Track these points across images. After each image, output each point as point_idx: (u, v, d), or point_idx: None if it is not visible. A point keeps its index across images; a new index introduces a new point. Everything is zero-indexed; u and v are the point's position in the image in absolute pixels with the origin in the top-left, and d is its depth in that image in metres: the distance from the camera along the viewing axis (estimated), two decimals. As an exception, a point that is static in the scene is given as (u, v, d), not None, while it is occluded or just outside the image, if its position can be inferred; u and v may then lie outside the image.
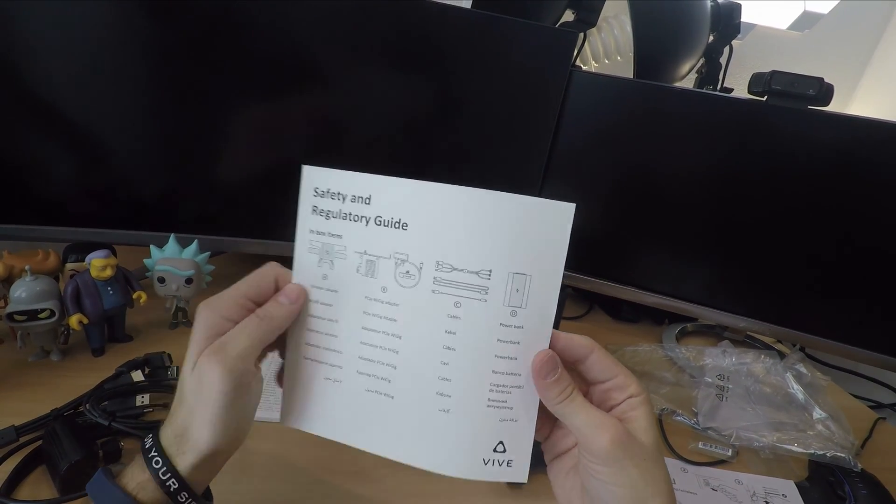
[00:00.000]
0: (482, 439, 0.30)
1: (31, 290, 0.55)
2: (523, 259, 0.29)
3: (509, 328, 0.29)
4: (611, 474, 0.26)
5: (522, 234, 0.29)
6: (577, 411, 0.27)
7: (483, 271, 0.29)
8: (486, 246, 0.29)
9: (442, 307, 0.30)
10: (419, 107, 0.74)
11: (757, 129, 0.71)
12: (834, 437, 0.59)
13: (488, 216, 0.29)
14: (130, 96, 0.66)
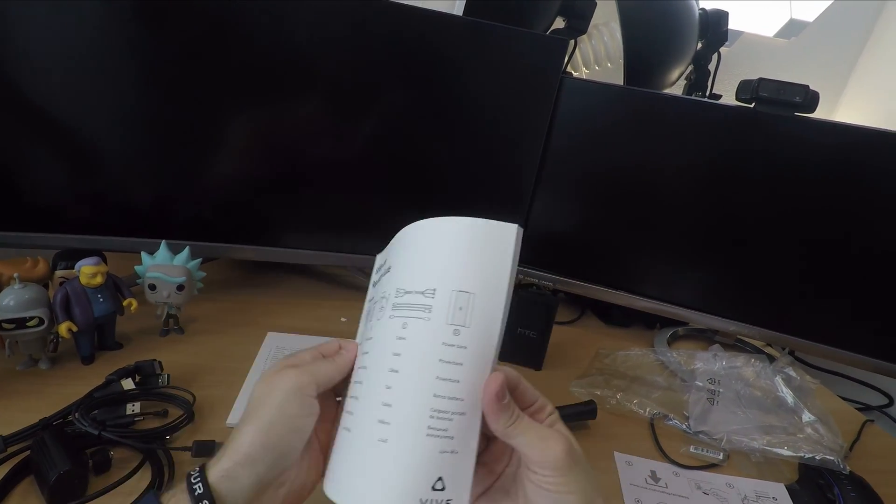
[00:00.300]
0: (420, 474, 0.28)
1: (19, 298, 0.55)
2: (467, 278, 0.30)
3: (452, 348, 0.29)
4: (564, 483, 0.27)
5: (467, 254, 0.30)
6: (527, 429, 0.29)
7: (428, 290, 0.30)
8: (431, 266, 0.31)
9: (392, 330, 0.30)
10: (410, 114, 0.75)
11: (745, 136, 0.72)
12: (823, 440, 0.60)
13: (434, 239, 0.31)
14: (121, 102, 0.66)
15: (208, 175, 0.73)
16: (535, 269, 0.85)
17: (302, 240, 0.77)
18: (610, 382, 0.69)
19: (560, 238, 0.84)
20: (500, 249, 0.30)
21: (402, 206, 0.79)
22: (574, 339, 0.83)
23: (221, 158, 0.72)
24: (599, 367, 0.74)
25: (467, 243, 0.30)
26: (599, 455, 0.58)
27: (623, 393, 0.67)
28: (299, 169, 0.75)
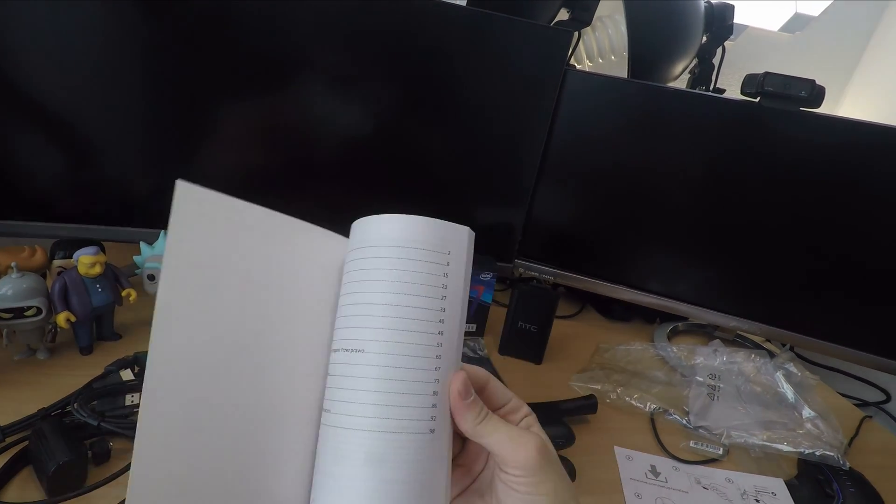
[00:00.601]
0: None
1: (17, 288, 0.54)
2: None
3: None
4: (535, 483, 0.27)
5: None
6: (496, 428, 0.28)
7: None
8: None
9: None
10: (409, 106, 0.74)
11: (750, 130, 0.72)
12: (823, 435, 0.60)
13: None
14: (120, 91, 0.65)
15: (207, 165, 0.72)
16: (536, 263, 0.85)
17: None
18: (610, 377, 0.69)
19: (561, 232, 0.84)
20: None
21: (402, 201, 0.78)
22: (574, 334, 0.83)
23: (219, 149, 0.72)
24: (600, 361, 0.74)
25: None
26: (599, 449, 0.58)
27: (623, 388, 0.67)
28: (297, 162, 0.74)
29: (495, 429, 0.28)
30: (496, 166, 0.79)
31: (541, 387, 0.66)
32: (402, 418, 0.27)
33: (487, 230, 0.82)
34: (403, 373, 0.27)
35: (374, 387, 0.27)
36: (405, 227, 0.29)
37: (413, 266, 0.28)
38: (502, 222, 0.82)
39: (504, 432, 0.28)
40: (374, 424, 0.26)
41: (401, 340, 0.27)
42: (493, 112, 0.76)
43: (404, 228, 0.29)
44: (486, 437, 0.28)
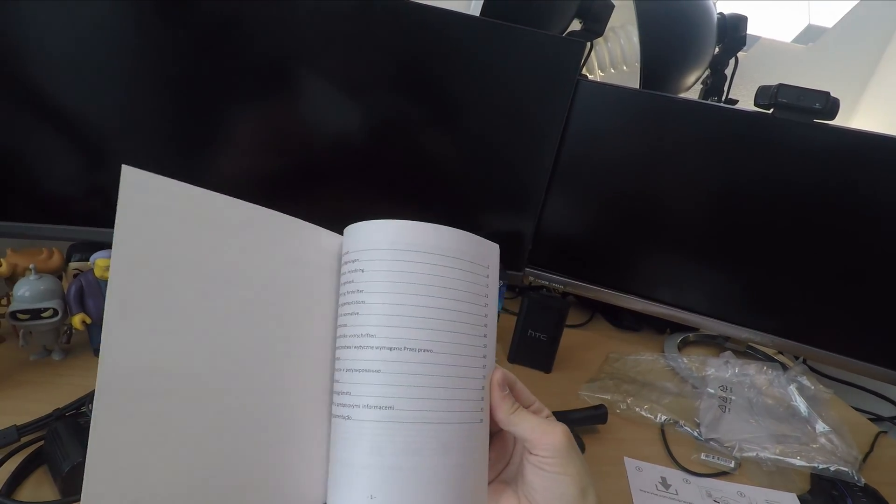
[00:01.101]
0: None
1: (34, 289, 0.55)
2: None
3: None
4: (562, 464, 0.30)
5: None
6: (526, 418, 0.32)
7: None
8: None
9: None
10: (421, 115, 0.74)
11: (762, 142, 0.71)
12: (837, 450, 0.59)
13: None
14: (138, 95, 0.66)
15: (223, 168, 0.73)
16: (546, 272, 0.85)
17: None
18: (620, 387, 0.69)
19: (571, 241, 0.84)
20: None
21: (411, 209, 0.79)
22: (584, 343, 0.82)
23: (233, 151, 0.72)
24: (609, 371, 0.74)
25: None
26: (609, 460, 0.58)
27: (633, 398, 0.66)
28: (310, 167, 0.75)
29: (526, 417, 0.32)
30: (507, 175, 0.79)
31: (550, 396, 0.66)
32: (464, 410, 0.30)
33: (498, 238, 0.81)
34: (464, 370, 0.31)
35: (444, 383, 0.30)
36: (458, 240, 0.32)
37: (467, 277, 0.32)
38: (513, 230, 0.82)
39: (534, 420, 0.32)
40: (445, 417, 0.30)
41: (462, 342, 0.31)
42: (504, 121, 0.76)
43: (458, 240, 0.32)
44: (518, 425, 0.32)
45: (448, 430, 0.29)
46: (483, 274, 0.33)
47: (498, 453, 0.35)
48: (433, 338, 0.30)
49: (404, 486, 0.28)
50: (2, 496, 0.40)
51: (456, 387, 0.30)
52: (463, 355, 0.31)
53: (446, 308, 0.31)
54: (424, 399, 0.29)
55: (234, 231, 0.29)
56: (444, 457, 0.29)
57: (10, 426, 0.46)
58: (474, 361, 0.31)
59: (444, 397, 0.30)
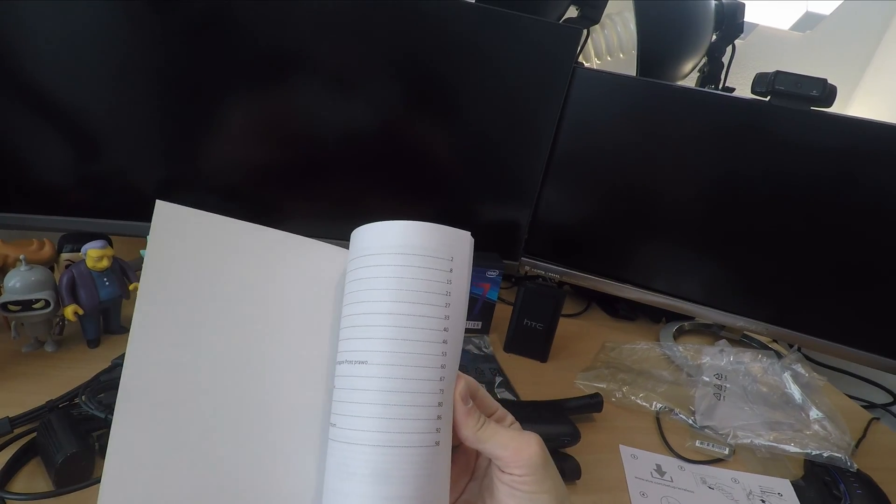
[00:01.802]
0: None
1: (25, 280, 0.55)
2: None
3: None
4: (536, 482, 0.27)
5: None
6: (496, 432, 0.28)
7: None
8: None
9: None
10: (415, 103, 0.74)
11: (759, 129, 0.71)
12: (830, 437, 0.60)
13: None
14: (127, 85, 0.65)
15: (213, 160, 0.72)
16: (542, 262, 0.85)
17: (305, 227, 0.76)
18: (616, 376, 0.69)
19: (567, 230, 0.84)
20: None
21: (407, 199, 0.78)
22: (579, 332, 0.83)
23: (226, 144, 0.72)
24: (605, 360, 0.74)
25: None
26: (604, 448, 0.58)
27: (629, 386, 0.67)
28: (303, 157, 0.74)
29: (496, 432, 0.28)
30: (502, 164, 0.79)
31: (546, 385, 0.66)
32: (408, 432, 0.26)
33: (493, 227, 0.82)
34: (408, 384, 0.26)
35: (379, 399, 0.26)
36: (407, 234, 0.28)
37: (417, 273, 0.28)
38: (508, 220, 0.82)
39: (505, 434, 0.28)
40: (379, 439, 0.26)
41: (405, 351, 0.27)
42: (499, 109, 0.76)
43: (406, 234, 0.28)
44: (487, 442, 0.28)
45: (385, 454, 0.25)
46: (444, 268, 0.28)
47: (460, 469, 0.31)
48: (368, 347, 0.27)
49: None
50: (-5, 488, 0.40)
51: (397, 403, 0.26)
52: (408, 366, 0.26)
53: (384, 312, 0.27)
54: (357, 417, 0.26)
55: (246, 253, 0.31)
56: (380, 485, 0.25)
57: (2, 418, 0.46)
58: (425, 373, 0.26)
59: (380, 415, 0.26)
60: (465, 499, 0.31)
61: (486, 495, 0.30)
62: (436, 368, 0.27)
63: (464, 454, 0.31)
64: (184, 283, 0.29)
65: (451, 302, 0.28)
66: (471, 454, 0.32)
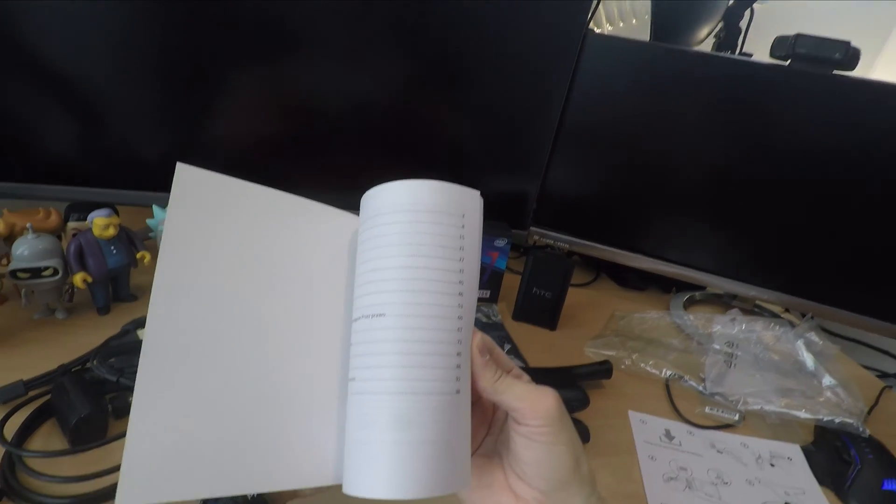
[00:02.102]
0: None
1: (33, 248, 0.55)
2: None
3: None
4: (554, 433, 0.27)
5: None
6: (514, 384, 0.28)
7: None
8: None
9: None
10: (422, 72, 0.72)
11: (778, 95, 0.69)
12: (843, 403, 0.59)
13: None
14: (131, 56, 0.64)
15: (218, 131, 0.71)
16: (551, 231, 0.83)
17: (312, 198, 0.76)
18: (625, 344, 0.69)
19: (577, 200, 0.82)
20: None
21: (415, 169, 0.77)
22: (589, 302, 0.82)
23: (231, 115, 0.70)
24: (615, 328, 0.73)
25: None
26: (613, 413, 0.58)
27: (638, 354, 0.66)
28: (307, 131, 0.73)
29: (512, 384, 0.28)
30: (511, 132, 0.77)
31: (555, 352, 0.66)
32: (427, 379, 0.26)
33: (501, 197, 0.81)
34: (426, 333, 0.27)
35: (397, 349, 0.26)
36: (419, 192, 0.29)
37: (430, 229, 0.28)
38: (517, 189, 0.81)
39: (522, 387, 0.28)
40: (399, 387, 0.26)
41: (421, 301, 0.27)
42: (508, 77, 0.73)
43: (418, 193, 0.29)
44: (504, 394, 0.28)
45: (406, 401, 0.26)
46: (456, 224, 0.29)
47: (477, 423, 0.31)
48: (385, 300, 0.27)
49: (361, 461, 0.26)
50: (13, 446, 0.40)
51: (416, 352, 0.26)
52: (425, 316, 0.27)
53: (399, 266, 0.27)
54: (376, 368, 0.27)
55: (264, 216, 0.32)
56: (403, 431, 0.25)
57: (17, 381, 0.46)
58: (442, 323, 0.27)
59: (399, 364, 0.26)
60: (481, 453, 0.31)
61: (503, 449, 0.30)
62: (452, 319, 0.27)
63: (480, 409, 0.31)
64: (204, 244, 0.29)
65: (464, 257, 0.29)
66: (487, 409, 0.32)
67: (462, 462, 0.27)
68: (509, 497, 0.28)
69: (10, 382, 0.46)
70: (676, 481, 0.50)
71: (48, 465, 0.40)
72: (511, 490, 0.28)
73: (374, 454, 0.26)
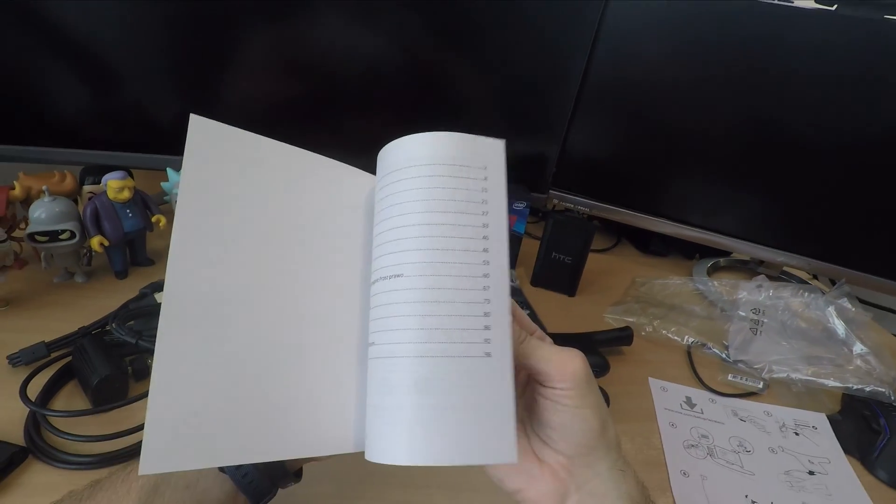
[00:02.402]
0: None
1: (50, 211, 0.55)
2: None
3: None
4: (581, 397, 0.26)
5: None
6: (539, 346, 0.27)
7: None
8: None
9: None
10: (438, 32, 0.68)
11: (821, 45, 0.63)
12: (874, 371, 0.57)
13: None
14: (145, 18, 0.62)
15: (231, 94, 0.69)
16: (571, 195, 0.81)
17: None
18: (646, 310, 0.67)
19: (598, 162, 0.79)
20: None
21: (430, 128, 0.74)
22: (609, 268, 0.80)
23: (243, 76, 0.68)
24: (635, 294, 0.72)
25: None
26: (633, 380, 0.57)
27: (660, 321, 0.65)
28: (322, 93, 0.70)
29: (538, 347, 0.27)
30: (531, 92, 0.74)
31: (574, 318, 0.65)
32: (449, 341, 0.24)
33: (520, 160, 0.78)
34: (446, 294, 0.25)
35: (416, 310, 0.25)
36: (435, 145, 0.27)
37: (447, 183, 0.27)
38: (536, 152, 0.78)
39: (547, 349, 0.27)
40: (420, 350, 0.25)
41: (440, 260, 0.25)
42: (528, 35, 0.69)
43: (434, 146, 0.27)
44: (530, 357, 0.27)
45: (426, 364, 0.24)
46: (477, 177, 0.27)
47: None
48: (402, 260, 0.26)
49: (382, 427, 0.25)
50: (38, 406, 0.41)
51: (435, 313, 0.25)
52: (445, 275, 0.25)
53: (416, 224, 0.26)
54: (395, 331, 0.25)
55: (280, 172, 0.31)
56: (423, 395, 0.24)
57: (38, 342, 0.47)
58: (464, 282, 0.25)
59: (419, 326, 0.25)
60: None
61: (527, 414, 0.29)
62: (476, 277, 0.25)
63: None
64: (221, 198, 0.28)
65: (489, 210, 0.27)
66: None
67: (499, 431, 0.24)
68: (533, 462, 0.28)
69: (33, 344, 0.47)
70: (697, 448, 0.49)
71: (71, 425, 0.40)
72: (535, 455, 0.28)
73: (395, 420, 0.25)
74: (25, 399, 0.41)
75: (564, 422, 0.27)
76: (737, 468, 0.48)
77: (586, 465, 0.27)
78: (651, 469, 0.47)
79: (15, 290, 0.56)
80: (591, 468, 0.27)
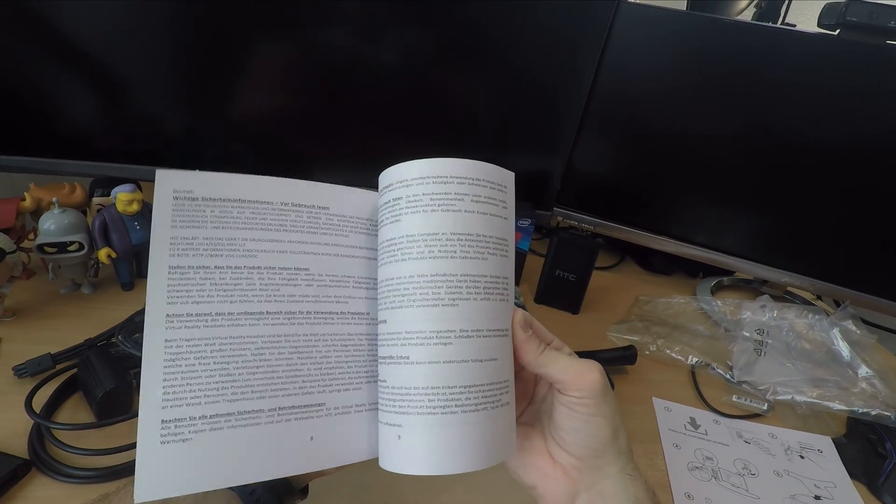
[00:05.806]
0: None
1: (59, 223, 0.55)
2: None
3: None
4: (596, 405, 0.28)
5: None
6: (557, 357, 0.29)
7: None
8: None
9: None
10: (444, 45, 0.69)
11: (824, 68, 0.64)
12: (880, 395, 0.57)
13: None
14: (155, 31, 0.63)
15: (240, 107, 0.70)
16: (576, 212, 0.81)
17: (331, 175, 0.75)
18: (650, 329, 0.67)
19: (602, 180, 0.80)
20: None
21: (437, 145, 0.75)
22: (613, 285, 0.80)
23: (252, 90, 0.69)
24: (639, 313, 0.72)
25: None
26: (637, 400, 0.57)
27: (664, 340, 0.65)
28: (328, 103, 0.71)
29: (557, 357, 0.29)
30: (537, 108, 0.74)
31: (578, 336, 0.65)
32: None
33: (525, 176, 0.77)
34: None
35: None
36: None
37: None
38: (541, 168, 0.78)
39: (566, 360, 0.29)
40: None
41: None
42: (535, 49, 0.70)
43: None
44: (549, 366, 0.29)
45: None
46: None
47: (519, 395, 0.32)
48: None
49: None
50: (42, 419, 0.41)
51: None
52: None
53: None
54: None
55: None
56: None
57: (44, 354, 0.47)
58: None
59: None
60: (522, 421, 0.32)
61: (545, 418, 0.31)
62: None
63: (522, 381, 0.32)
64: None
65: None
66: (529, 381, 0.33)
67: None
68: (547, 461, 0.30)
69: (39, 355, 0.47)
70: (702, 470, 0.49)
71: (75, 438, 0.40)
72: (549, 455, 0.30)
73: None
74: (30, 411, 0.41)
75: (578, 427, 0.28)
76: (742, 491, 0.47)
77: (596, 467, 0.28)
78: (656, 491, 0.46)
79: (22, 300, 0.56)
80: (601, 471, 0.28)
